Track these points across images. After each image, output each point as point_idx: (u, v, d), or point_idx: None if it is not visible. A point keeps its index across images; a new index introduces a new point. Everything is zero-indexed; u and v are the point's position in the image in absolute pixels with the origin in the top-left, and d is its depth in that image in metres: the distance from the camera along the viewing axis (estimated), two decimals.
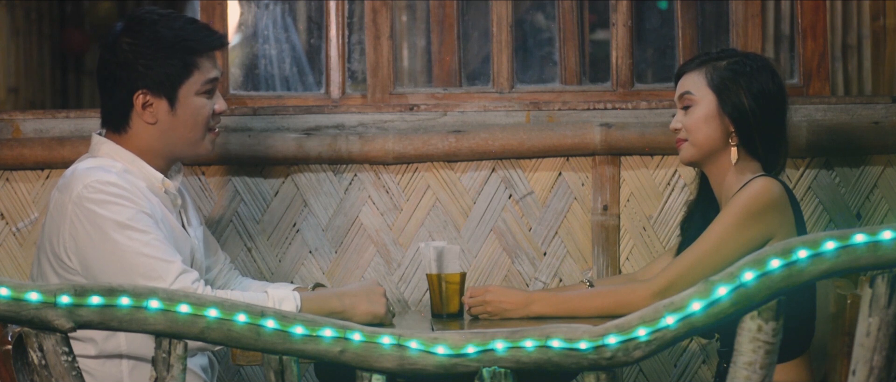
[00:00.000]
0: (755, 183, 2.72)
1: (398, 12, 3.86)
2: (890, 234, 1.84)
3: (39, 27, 5.64)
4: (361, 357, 1.89)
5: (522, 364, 1.88)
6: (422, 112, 3.43)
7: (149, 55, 2.69)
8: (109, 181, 2.60)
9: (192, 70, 2.72)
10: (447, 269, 2.86)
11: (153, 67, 2.69)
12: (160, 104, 2.71)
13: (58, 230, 2.61)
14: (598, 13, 4.05)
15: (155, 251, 2.55)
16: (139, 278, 2.52)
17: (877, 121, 3.40)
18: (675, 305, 1.85)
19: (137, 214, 2.58)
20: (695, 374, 3.41)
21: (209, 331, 1.88)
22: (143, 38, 2.70)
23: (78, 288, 1.87)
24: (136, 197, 2.60)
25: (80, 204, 2.58)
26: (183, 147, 2.75)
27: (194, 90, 2.73)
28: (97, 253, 2.56)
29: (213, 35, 2.78)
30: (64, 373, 1.89)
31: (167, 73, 2.69)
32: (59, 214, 2.61)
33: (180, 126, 2.73)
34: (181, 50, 2.70)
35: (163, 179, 2.74)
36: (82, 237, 2.57)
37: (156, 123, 2.71)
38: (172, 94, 2.71)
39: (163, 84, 2.70)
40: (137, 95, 2.70)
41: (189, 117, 2.73)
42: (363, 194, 3.42)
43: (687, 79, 2.83)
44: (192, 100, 2.73)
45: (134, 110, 2.71)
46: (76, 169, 2.67)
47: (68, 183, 2.63)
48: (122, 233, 2.55)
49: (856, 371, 1.87)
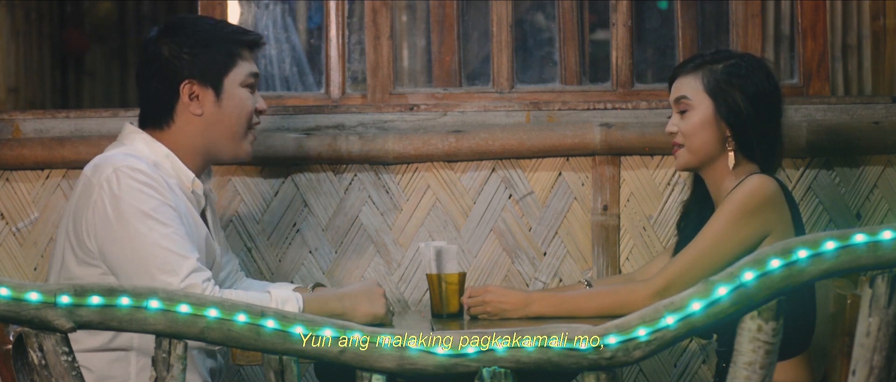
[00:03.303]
0: (750, 180, 2.72)
1: (398, 12, 3.86)
2: (890, 234, 1.84)
3: (39, 27, 5.64)
4: (361, 357, 1.89)
5: (522, 364, 1.88)
6: (422, 112, 3.43)
7: (193, 45, 2.73)
8: (140, 169, 2.61)
9: (236, 60, 2.76)
10: (446, 269, 2.86)
11: (199, 56, 2.72)
12: (207, 94, 2.73)
13: (83, 212, 2.61)
14: (598, 13, 4.05)
15: (172, 244, 2.55)
16: (153, 269, 2.52)
17: (877, 121, 3.40)
18: (675, 305, 1.85)
19: (161, 205, 2.58)
20: (695, 374, 3.41)
21: (209, 331, 1.88)
22: (185, 32, 2.75)
23: (78, 288, 1.87)
24: (163, 189, 2.61)
25: (107, 187, 2.58)
26: (225, 143, 2.77)
27: (239, 81, 2.76)
28: (116, 238, 2.57)
29: (253, 32, 2.84)
30: (64, 373, 1.89)
31: (213, 61, 2.73)
32: (86, 197, 2.61)
33: (225, 118, 2.75)
34: (224, 41, 2.75)
35: (193, 179, 2.74)
36: (104, 221, 2.58)
37: (202, 115, 2.73)
38: (218, 84, 2.74)
39: (209, 73, 2.73)
40: (184, 85, 2.72)
41: (234, 109, 2.75)
42: (363, 194, 3.42)
43: (682, 83, 2.83)
44: (237, 91, 2.76)
45: (180, 102, 2.73)
46: (108, 154, 2.69)
47: (99, 166, 2.64)
48: (143, 222, 2.55)
49: (856, 371, 1.87)
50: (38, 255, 3.39)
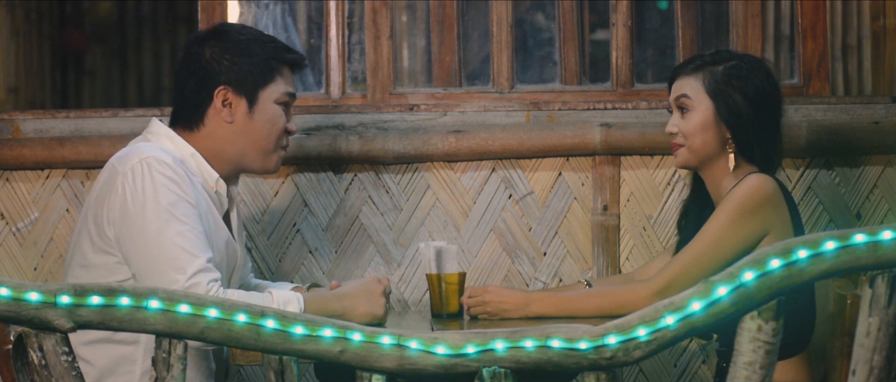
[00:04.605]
0: (749, 179, 2.73)
1: (398, 12, 3.86)
2: (890, 234, 1.84)
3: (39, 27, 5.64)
4: (361, 357, 1.89)
5: (522, 364, 1.88)
6: (422, 112, 3.43)
7: (235, 52, 2.73)
8: (165, 162, 2.61)
9: (274, 75, 2.76)
10: (446, 269, 2.86)
11: (238, 64, 2.73)
12: (239, 104, 2.74)
13: (104, 200, 2.62)
14: (598, 13, 4.05)
15: (185, 242, 2.54)
16: (163, 264, 2.52)
17: (877, 121, 3.40)
18: (675, 305, 1.85)
19: (180, 201, 2.58)
20: (695, 374, 3.41)
21: (209, 331, 1.88)
22: (229, 38, 2.75)
23: (78, 288, 1.87)
24: (186, 185, 2.62)
25: (130, 177, 2.59)
26: (253, 154, 2.77)
27: (274, 97, 2.76)
28: (132, 229, 2.57)
29: (297, 52, 2.84)
30: (64, 373, 1.89)
31: (251, 72, 2.73)
32: (109, 185, 2.62)
33: (255, 131, 2.75)
34: (267, 54, 2.75)
35: (217, 179, 2.75)
36: (123, 210, 2.58)
37: (232, 123, 2.74)
38: (253, 95, 2.74)
39: (245, 83, 2.73)
40: (218, 91, 2.73)
41: (265, 123, 2.75)
42: (363, 194, 3.42)
43: (683, 83, 2.83)
44: (270, 107, 2.76)
45: (212, 106, 2.74)
46: (136, 146, 2.69)
47: (125, 156, 2.64)
48: (160, 216, 2.56)
49: (856, 371, 1.87)
50: (38, 255, 3.39)
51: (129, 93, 6.87)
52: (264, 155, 2.78)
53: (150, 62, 6.88)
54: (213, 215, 2.72)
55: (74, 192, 3.38)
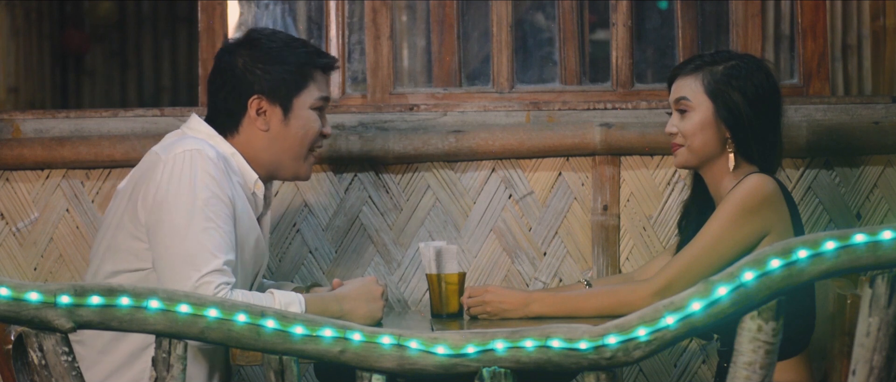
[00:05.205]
0: (749, 179, 2.73)
1: (398, 12, 3.86)
2: (890, 234, 1.84)
3: (39, 27, 5.65)
4: (361, 357, 1.89)
5: (522, 364, 1.88)
6: (422, 112, 3.43)
7: (267, 61, 2.74)
8: (210, 157, 2.62)
9: (308, 81, 2.77)
10: (446, 269, 2.86)
11: (271, 73, 2.73)
12: (274, 112, 2.75)
13: (143, 186, 2.62)
14: (598, 13, 4.04)
15: (209, 240, 2.54)
16: (179, 257, 2.52)
17: (877, 121, 3.40)
18: (675, 305, 1.86)
19: (215, 198, 2.59)
20: (695, 374, 3.41)
21: (209, 331, 1.88)
22: (260, 47, 2.75)
23: (78, 288, 1.88)
24: (225, 183, 2.62)
25: (170, 165, 2.60)
26: (287, 161, 2.78)
27: (309, 103, 2.77)
28: (162, 216, 2.58)
29: (329, 55, 2.85)
30: (64, 373, 1.89)
31: (284, 80, 2.74)
32: (150, 171, 2.63)
33: (290, 137, 2.76)
34: (299, 61, 2.76)
35: (256, 180, 2.76)
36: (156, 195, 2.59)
37: (267, 131, 2.75)
38: (287, 103, 2.75)
39: (279, 91, 2.74)
40: (252, 100, 2.74)
41: (300, 129, 2.77)
42: (363, 194, 3.42)
43: (682, 84, 2.83)
44: (305, 113, 2.77)
45: (246, 116, 2.75)
46: (184, 137, 2.70)
47: (170, 145, 2.66)
48: (191, 210, 2.56)
49: (856, 371, 1.87)
50: (38, 255, 3.39)
51: (129, 93, 6.87)
52: (297, 161, 2.79)
53: (150, 62, 6.89)
54: (249, 214, 2.72)
55: (74, 192, 3.38)
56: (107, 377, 2.66)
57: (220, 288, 2.51)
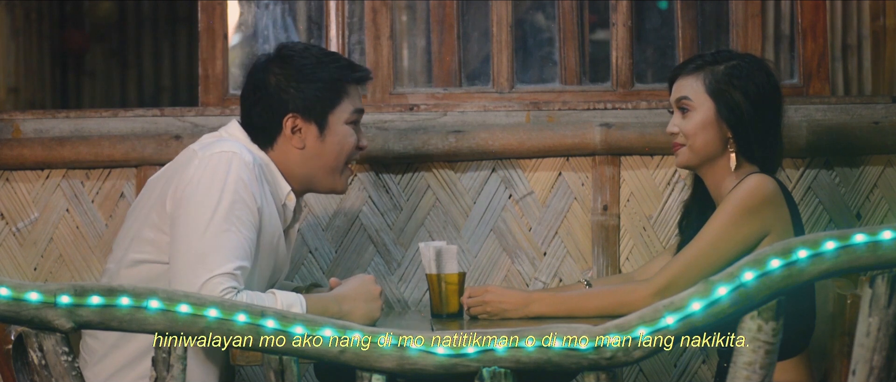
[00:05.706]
0: (749, 179, 2.73)
1: (398, 12, 3.86)
2: (890, 234, 1.84)
3: (39, 27, 5.64)
4: (361, 357, 1.89)
5: (522, 364, 1.88)
6: (422, 112, 3.43)
7: (300, 78, 2.73)
8: (246, 162, 2.62)
9: (342, 96, 2.76)
10: (446, 269, 2.86)
11: (304, 91, 2.72)
12: (310, 129, 2.74)
13: (174, 178, 2.62)
14: (598, 13, 4.05)
15: (226, 243, 2.54)
16: (192, 255, 2.52)
17: (877, 121, 3.40)
18: (675, 305, 1.86)
19: (241, 203, 2.58)
20: (695, 374, 3.41)
21: (209, 331, 1.88)
22: (293, 64, 2.74)
23: (78, 288, 1.88)
24: (256, 190, 2.62)
25: (205, 163, 2.59)
26: (322, 176, 2.78)
27: (344, 118, 2.76)
28: (187, 210, 2.57)
29: (361, 67, 2.84)
30: (64, 373, 1.89)
31: (318, 98, 2.73)
32: (185, 166, 2.63)
33: (326, 154, 2.76)
34: (332, 76, 2.75)
35: (289, 192, 2.76)
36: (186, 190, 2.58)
37: (303, 148, 2.74)
38: (322, 120, 2.74)
39: (314, 109, 2.73)
40: (287, 119, 2.73)
41: (336, 145, 2.76)
42: (363, 194, 3.42)
43: (683, 83, 2.83)
44: (340, 128, 2.76)
45: (282, 134, 2.74)
46: (224, 138, 2.70)
47: (210, 144, 2.66)
48: (211, 209, 2.55)
49: (856, 371, 1.88)
50: (38, 255, 3.39)
51: (129, 93, 6.87)
52: (333, 175, 2.78)
53: (150, 62, 6.88)
54: (275, 224, 2.72)
55: (74, 192, 3.38)
56: (116, 371, 2.67)
57: (225, 291, 2.50)
